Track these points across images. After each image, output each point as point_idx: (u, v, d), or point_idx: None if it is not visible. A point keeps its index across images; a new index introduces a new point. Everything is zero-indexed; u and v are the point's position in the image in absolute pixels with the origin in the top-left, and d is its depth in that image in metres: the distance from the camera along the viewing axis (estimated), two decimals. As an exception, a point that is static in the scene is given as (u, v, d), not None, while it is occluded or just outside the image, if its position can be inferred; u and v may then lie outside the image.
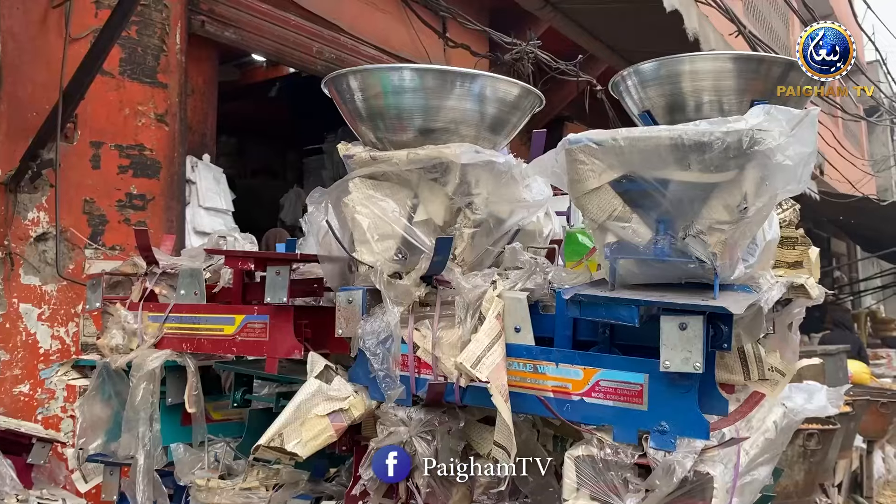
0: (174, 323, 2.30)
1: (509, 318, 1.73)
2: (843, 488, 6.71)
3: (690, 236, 1.56)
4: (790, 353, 2.04)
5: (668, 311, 1.49)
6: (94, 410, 2.39)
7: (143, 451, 2.20)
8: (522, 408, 1.71)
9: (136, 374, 2.21)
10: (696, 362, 1.46)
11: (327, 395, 1.86)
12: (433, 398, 1.80)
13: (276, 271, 2.06)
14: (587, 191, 1.60)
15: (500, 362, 1.66)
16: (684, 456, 1.48)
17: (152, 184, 4.60)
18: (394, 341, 1.84)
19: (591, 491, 1.58)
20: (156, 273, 2.43)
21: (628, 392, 1.58)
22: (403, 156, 1.82)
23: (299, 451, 1.78)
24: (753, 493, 1.93)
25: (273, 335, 2.10)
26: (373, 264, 1.88)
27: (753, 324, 1.89)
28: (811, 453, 5.32)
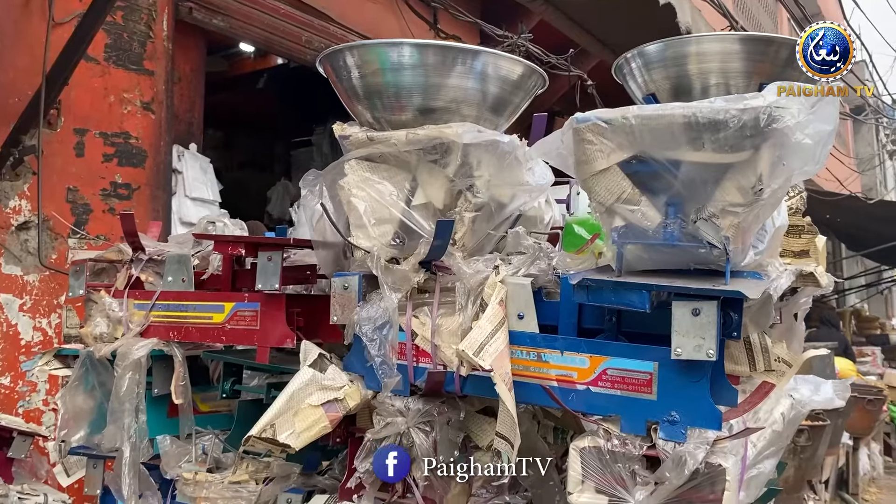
0: (161, 311, 2.22)
1: (512, 305, 1.67)
2: (830, 485, 6.72)
3: (702, 220, 1.50)
4: (796, 343, 1.99)
5: (681, 297, 1.43)
6: (76, 401, 2.30)
7: (129, 444, 2.12)
8: (525, 397, 1.64)
9: (121, 363, 2.12)
10: (709, 349, 1.40)
11: (321, 385, 1.79)
12: (432, 387, 1.73)
13: (268, 257, 1.99)
14: (595, 172, 1.54)
15: (503, 350, 1.59)
16: (696, 447, 1.42)
17: (138, 173, 4.50)
18: (391, 328, 1.77)
19: (597, 483, 1.52)
20: (142, 259, 2.35)
21: (637, 381, 1.52)
22: (402, 136, 1.75)
23: (292, 442, 1.71)
24: (759, 486, 1.88)
25: (264, 323, 2.03)
26: (369, 249, 1.80)
27: (761, 313, 1.84)
28: (801, 449, 5.31)
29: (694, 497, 1.45)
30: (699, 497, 1.44)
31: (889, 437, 9.43)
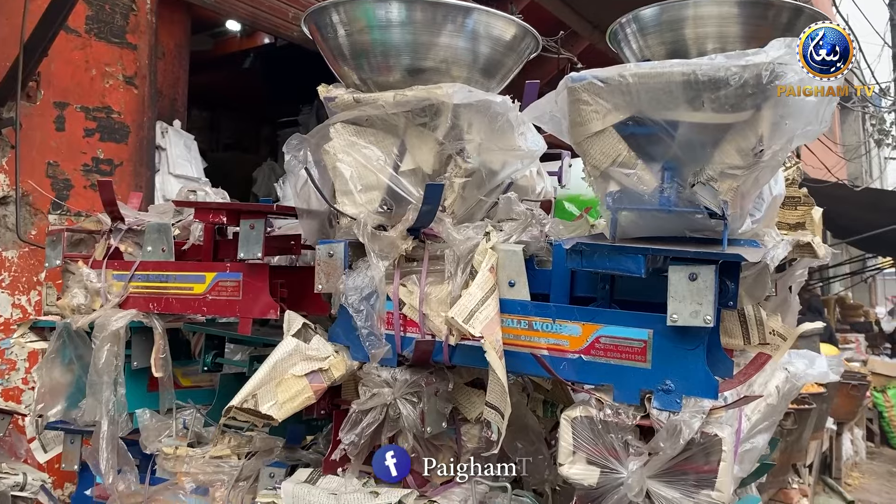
0: (140, 282, 2.15)
1: (503, 272, 1.62)
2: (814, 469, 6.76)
3: (700, 183, 1.45)
4: (791, 316, 1.96)
5: (678, 261, 1.39)
6: (53, 375, 2.23)
7: (107, 417, 2.05)
8: (516, 367, 1.60)
9: (99, 335, 2.05)
10: (706, 315, 1.36)
11: (305, 355, 1.73)
12: (420, 357, 1.68)
13: (251, 225, 1.93)
14: (590, 134, 1.49)
15: (494, 317, 1.54)
16: (691, 416, 1.39)
17: (120, 149, 4.40)
18: (378, 298, 1.71)
19: (589, 454, 1.48)
20: (121, 229, 2.28)
21: (630, 349, 1.48)
22: (390, 97, 1.69)
23: (274, 413, 1.65)
24: (752, 461, 1.85)
25: (246, 294, 1.96)
26: (356, 216, 1.75)
27: (756, 284, 1.81)
28: (787, 432, 5.33)
29: (689, 468, 1.41)
30: (694, 468, 1.41)
31: (871, 423, 9.51)
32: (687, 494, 1.41)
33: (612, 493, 1.45)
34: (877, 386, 9.42)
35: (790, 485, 5.71)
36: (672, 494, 1.41)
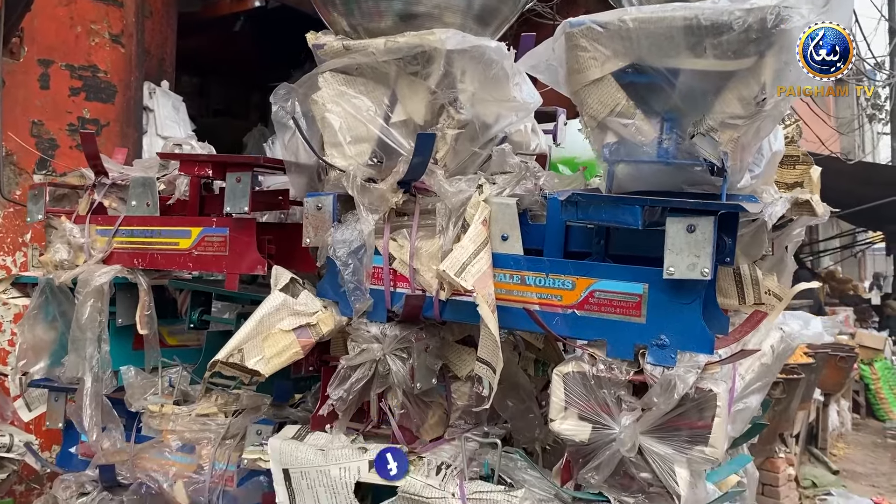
0: (124, 237, 2.10)
1: (496, 226, 1.58)
2: (801, 439, 6.81)
3: (699, 134, 1.41)
4: (786, 276, 1.93)
5: (676, 213, 1.35)
6: (36, 331, 2.19)
7: (91, 374, 2.02)
8: (508, 323, 1.56)
9: (83, 290, 2.01)
10: (703, 268, 1.32)
11: (293, 310, 1.70)
12: (410, 312, 1.65)
13: (237, 178, 1.87)
14: (588, 82, 1.44)
15: (486, 271, 1.51)
16: (686, 371, 1.36)
17: (107, 108, 4.32)
18: (367, 252, 1.68)
19: (581, 410, 1.45)
20: (105, 184, 2.22)
21: (625, 304, 1.45)
22: (381, 44, 1.63)
23: (261, 368, 1.62)
24: (745, 421, 1.83)
25: (233, 249, 1.92)
26: (345, 169, 1.70)
27: (753, 243, 1.78)
28: (776, 402, 5.35)
29: (682, 424, 1.39)
30: (688, 423, 1.38)
31: (858, 395, 9.59)
32: (680, 450, 1.39)
33: (603, 449, 1.43)
34: (864, 359, 9.49)
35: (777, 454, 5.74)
36: (665, 450, 1.39)
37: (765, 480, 5.45)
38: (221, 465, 1.97)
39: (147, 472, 2.05)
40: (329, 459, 1.66)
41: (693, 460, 1.38)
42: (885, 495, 6.41)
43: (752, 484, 1.95)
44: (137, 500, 2.07)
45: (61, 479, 2.21)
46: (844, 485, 6.57)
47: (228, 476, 1.96)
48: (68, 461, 2.28)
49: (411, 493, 1.57)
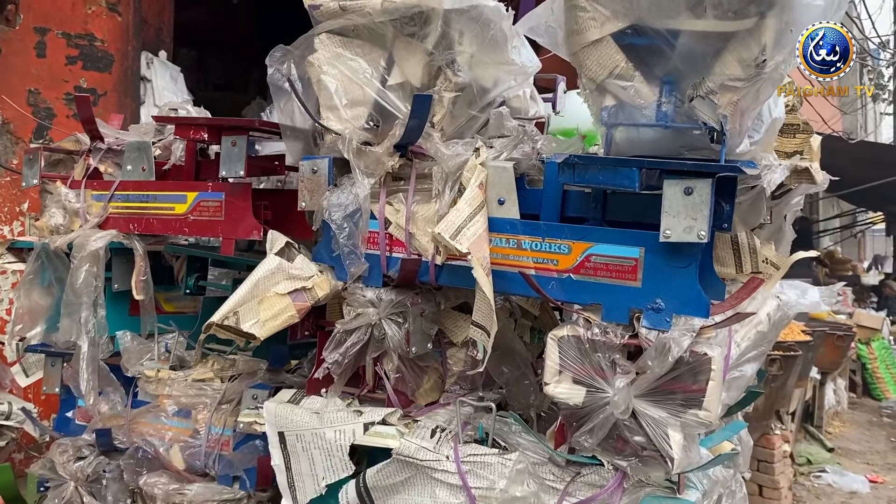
0: (120, 202, 2.09)
1: (492, 190, 1.56)
2: (797, 416, 6.85)
3: (699, 97, 1.40)
4: (784, 245, 1.92)
5: (673, 175, 1.34)
6: (32, 296, 2.19)
7: (87, 338, 2.02)
8: (503, 287, 1.55)
9: (78, 254, 2.00)
10: (700, 231, 1.32)
11: (289, 274, 1.69)
12: (405, 277, 1.64)
13: (232, 142, 1.86)
14: (587, 43, 1.42)
15: (482, 234, 1.50)
16: (681, 334, 1.35)
17: (104, 78, 4.28)
18: (362, 216, 1.67)
19: (575, 373, 1.45)
20: (100, 149, 2.21)
21: (621, 268, 1.44)
22: (377, 4, 1.60)
23: (256, 331, 1.62)
24: (740, 389, 1.83)
25: (229, 214, 1.91)
26: (341, 132, 1.68)
27: (752, 210, 1.77)
28: (772, 378, 5.37)
29: (676, 387, 1.38)
30: (682, 387, 1.38)
31: (854, 374, 9.63)
32: (674, 414, 1.38)
33: (597, 412, 1.43)
34: (861, 338, 9.51)
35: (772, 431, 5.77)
36: (659, 414, 1.39)
37: (760, 457, 5.48)
38: (217, 429, 1.98)
39: (143, 437, 2.06)
40: (324, 422, 1.66)
41: (687, 424, 1.38)
42: (879, 473, 6.46)
43: (746, 451, 1.96)
44: (134, 464, 2.08)
45: (58, 444, 2.22)
46: (839, 462, 6.61)
47: (224, 440, 1.97)
48: (65, 426, 2.29)
49: (406, 456, 1.58)
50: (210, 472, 1.99)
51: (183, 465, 2.01)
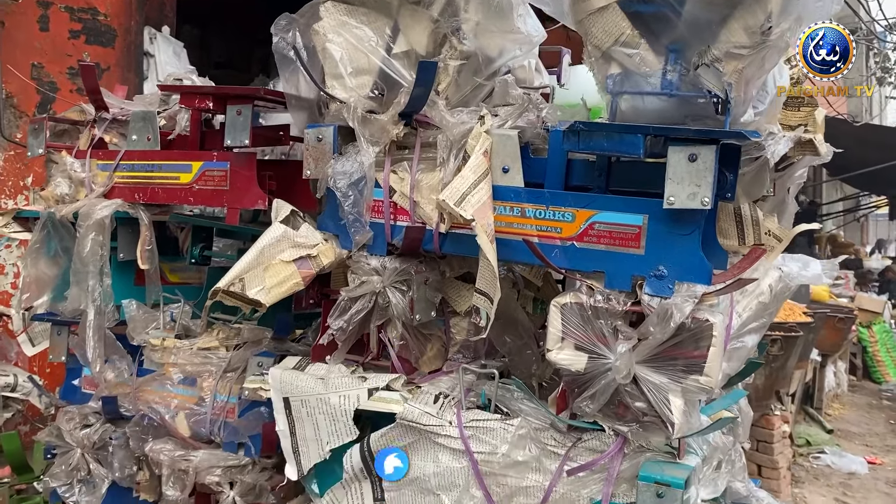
0: (125, 171, 2.10)
1: (497, 158, 1.57)
2: (797, 398, 6.88)
3: (704, 65, 1.40)
4: (787, 218, 1.93)
5: (678, 142, 1.34)
6: (39, 265, 2.19)
7: (93, 306, 2.03)
8: (507, 255, 1.56)
9: (84, 223, 2.01)
10: (704, 197, 1.32)
11: (294, 242, 1.70)
12: (410, 245, 1.65)
13: (237, 111, 1.87)
14: (592, 10, 1.42)
15: (486, 201, 1.51)
16: (683, 300, 1.36)
17: (107, 53, 4.28)
18: (367, 184, 1.67)
19: (577, 340, 1.46)
20: (105, 119, 2.21)
21: (625, 235, 1.45)
22: (384, -28, 1.61)
23: (262, 298, 1.63)
24: (740, 360, 1.84)
25: (234, 183, 1.92)
26: (346, 100, 1.69)
27: (755, 181, 1.77)
28: (773, 359, 5.38)
29: (678, 353, 1.39)
30: (683, 353, 1.39)
31: (855, 358, 9.65)
32: (675, 379, 1.40)
33: (599, 378, 1.45)
34: (863, 321, 9.53)
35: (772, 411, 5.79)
36: (660, 379, 1.40)
37: (759, 437, 5.50)
38: (223, 397, 2.00)
39: (149, 404, 2.08)
40: (329, 387, 1.68)
41: (688, 389, 1.39)
42: (878, 455, 6.50)
43: (747, 422, 1.97)
44: (140, 431, 2.10)
45: (65, 411, 2.24)
46: (838, 444, 6.65)
47: (230, 408, 1.99)
48: (72, 394, 2.31)
49: (409, 420, 1.60)
50: (215, 439, 2.01)
51: (188, 432, 2.03)
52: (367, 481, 1.68)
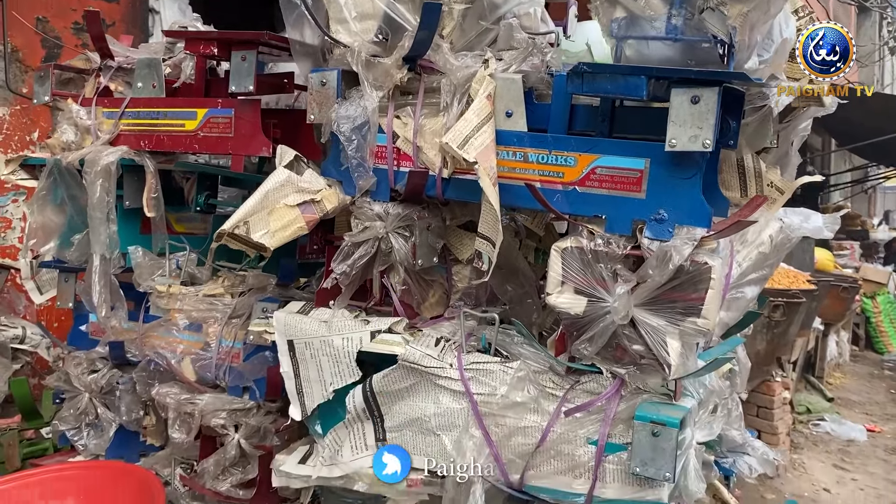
0: (130, 119, 2.10)
1: (500, 102, 1.57)
2: (798, 366, 6.91)
3: (709, 8, 1.39)
4: (790, 171, 1.93)
5: (681, 84, 1.34)
6: (45, 212, 2.21)
7: (99, 253, 2.05)
8: (509, 200, 1.57)
9: (91, 170, 2.02)
10: (706, 139, 1.33)
11: (298, 187, 1.71)
12: (413, 190, 1.66)
13: (242, 56, 1.86)
14: (598, -48, 1.42)
15: (489, 144, 1.51)
16: (683, 243, 1.38)
17: (112, 8, 4.25)
18: (370, 129, 1.68)
19: (577, 284, 1.48)
20: (111, 67, 2.21)
21: (626, 179, 1.46)
22: (389, -87, 1.59)
23: (266, 241, 1.64)
24: (739, 310, 1.86)
25: (238, 130, 1.92)
26: (350, 45, 1.69)
27: (758, 133, 1.77)
28: (775, 324, 5.41)
29: (676, 296, 1.41)
30: (682, 296, 1.41)
31: (858, 328, 9.67)
32: (673, 322, 1.42)
33: (597, 321, 1.47)
34: (867, 292, 9.53)
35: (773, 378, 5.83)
36: (658, 322, 1.42)
37: (760, 403, 5.55)
38: (228, 342, 2.03)
39: (155, 350, 2.11)
40: (333, 330, 1.70)
41: (685, 332, 1.41)
42: (877, 423, 6.54)
43: (744, 372, 2.00)
44: (146, 376, 2.14)
45: (73, 356, 2.28)
46: (838, 412, 6.70)
47: (235, 352, 2.02)
48: (79, 340, 2.34)
49: (410, 362, 1.62)
50: (220, 383, 2.05)
51: (194, 376, 2.07)
52: (369, 421, 1.72)
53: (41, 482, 2.01)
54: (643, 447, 1.43)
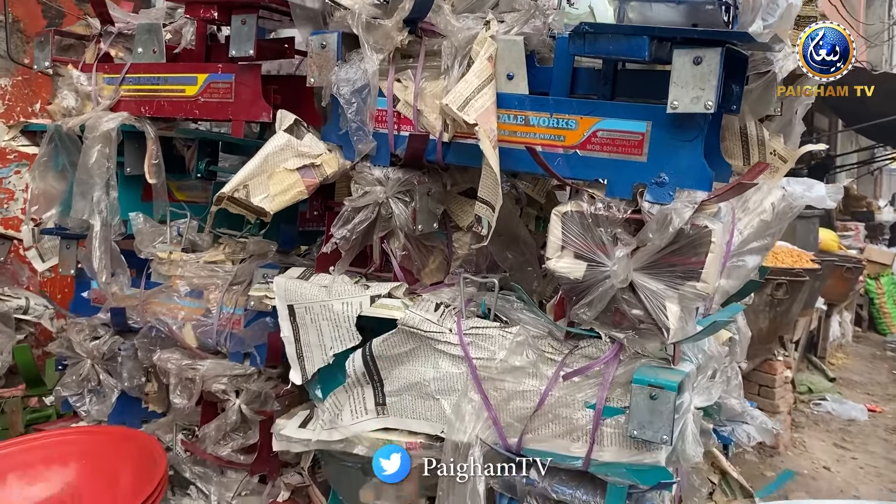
0: (131, 85, 2.09)
1: (502, 64, 1.56)
2: (800, 345, 6.91)
3: (713, -33, 1.37)
4: (793, 139, 1.92)
5: (683, 45, 1.33)
6: (47, 179, 2.21)
7: (99, 218, 2.05)
8: (510, 165, 1.57)
9: (90, 135, 2.02)
10: (707, 101, 1.31)
11: (298, 151, 1.71)
12: (413, 154, 1.65)
13: (242, 20, 1.85)
14: None
15: (489, 107, 1.50)
16: (683, 206, 1.37)
17: (113, -23, 4.22)
18: (370, 92, 1.67)
19: (577, 248, 1.47)
20: (111, 33, 2.20)
21: (628, 142, 1.45)
22: None
23: (266, 205, 1.64)
24: (740, 279, 1.86)
25: (239, 95, 1.92)
26: (350, 7, 1.67)
27: (762, 99, 1.76)
28: (778, 303, 5.40)
29: (676, 260, 1.40)
30: (681, 260, 1.40)
31: (861, 309, 9.66)
32: (672, 286, 1.41)
33: (597, 285, 1.46)
34: (871, 273, 9.51)
35: (775, 356, 5.83)
36: (657, 286, 1.42)
37: (761, 382, 5.56)
38: (229, 308, 2.03)
39: (157, 316, 2.12)
40: (333, 295, 1.70)
41: (685, 296, 1.41)
42: (878, 403, 6.55)
43: (744, 341, 2.00)
44: (148, 342, 2.15)
45: (74, 323, 2.29)
46: (840, 392, 6.70)
47: (236, 319, 2.02)
48: (81, 307, 2.35)
49: (410, 326, 1.62)
50: (221, 349, 2.06)
51: (195, 342, 2.07)
52: (368, 386, 1.72)
53: (43, 446, 2.02)
54: (641, 410, 1.43)
